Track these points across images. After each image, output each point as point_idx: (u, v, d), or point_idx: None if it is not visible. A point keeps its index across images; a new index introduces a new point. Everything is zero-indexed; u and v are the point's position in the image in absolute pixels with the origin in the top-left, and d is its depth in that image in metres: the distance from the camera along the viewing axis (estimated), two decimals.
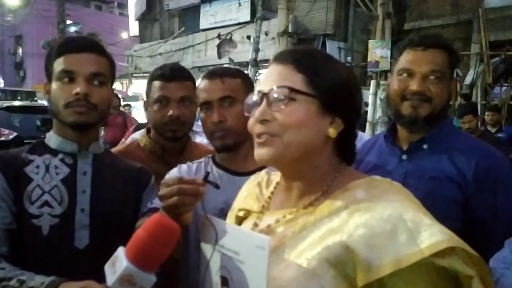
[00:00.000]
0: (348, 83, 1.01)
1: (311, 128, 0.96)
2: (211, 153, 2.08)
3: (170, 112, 1.86)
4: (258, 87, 1.02)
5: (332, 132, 0.98)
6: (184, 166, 1.65)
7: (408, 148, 1.64)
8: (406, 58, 1.61)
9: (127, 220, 1.45)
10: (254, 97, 1.01)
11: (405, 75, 1.60)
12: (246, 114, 1.03)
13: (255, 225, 1.06)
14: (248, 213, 1.14)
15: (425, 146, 1.61)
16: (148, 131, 2.05)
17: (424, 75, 1.56)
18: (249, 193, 1.19)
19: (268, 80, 1.00)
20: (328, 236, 0.89)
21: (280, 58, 1.01)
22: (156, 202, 1.45)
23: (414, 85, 1.56)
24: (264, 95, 0.98)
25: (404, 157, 1.63)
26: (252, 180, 1.24)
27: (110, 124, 7.25)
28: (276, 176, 1.16)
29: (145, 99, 2.03)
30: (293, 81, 0.97)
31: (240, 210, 1.17)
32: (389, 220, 0.86)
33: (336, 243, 0.87)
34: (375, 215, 0.87)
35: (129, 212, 1.50)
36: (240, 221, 1.16)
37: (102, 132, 6.89)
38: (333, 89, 0.98)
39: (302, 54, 1.01)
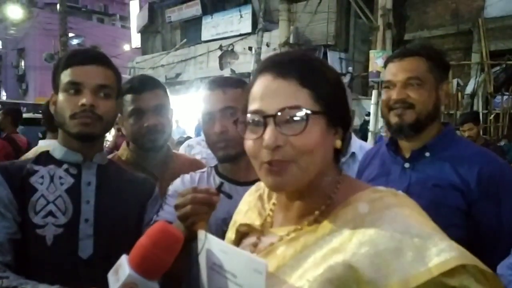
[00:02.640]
0: (343, 89, 0.95)
1: (324, 147, 0.90)
2: (193, 162, 2.10)
3: (147, 123, 1.85)
4: (255, 105, 0.91)
5: (339, 143, 0.93)
6: (187, 177, 1.65)
7: (410, 156, 1.65)
8: (387, 71, 1.68)
9: (131, 230, 1.45)
10: (253, 116, 0.91)
11: (387, 87, 1.67)
12: (240, 133, 0.95)
13: (258, 241, 1.01)
14: (250, 228, 1.07)
15: (427, 154, 1.61)
16: (128, 144, 2.03)
17: (403, 83, 1.61)
18: (250, 206, 1.12)
19: (269, 97, 0.89)
20: (331, 255, 0.83)
21: (280, 69, 0.90)
22: (162, 215, 1.46)
23: (394, 95, 1.62)
24: (269, 117, 0.87)
25: (407, 165, 1.64)
26: (253, 191, 1.16)
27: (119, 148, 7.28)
28: None
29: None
30: (301, 99, 0.87)
31: (241, 225, 1.10)
32: (394, 237, 0.80)
33: (339, 263, 0.81)
34: (379, 232, 0.81)
35: (133, 222, 1.50)
36: (241, 236, 1.10)
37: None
38: (335, 100, 0.91)
39: (303, 64, 0.91)
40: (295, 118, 0.86)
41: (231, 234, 1.15)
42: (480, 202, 1.49)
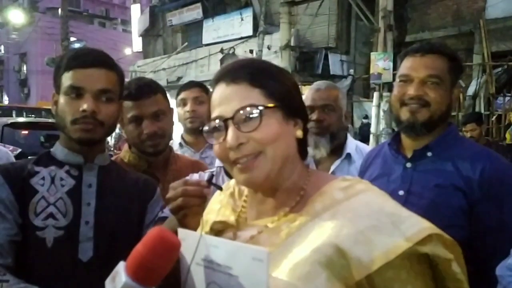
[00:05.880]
0: (295, 85, 1.06)
1: (286, 136, 0.99)
2: (194, 163, 2.12)
3: (146, 130, 1.87)
4: (215, 112, 0.99)
5: (299, 133, 1.02)
6: (195, 176, 1.67)
7: (412, 155, 1.63)
8: (405, 65, 1.63)
9: (131, 233, 1.44)
10: (214, 123, 0.99)
11: (403, 81, 1.62)
12: (208, 141, 1.02)
13: (234, 236, 1.06)
14: (225, 225, 1.11)
15: (429, 154, 1.59)
16: (130, 146, 2.04)
17: (422, 80, 1.57)
18: (222, 204, 1.16)
19: (225, 102, 0.98)
20: (316, 239, 0.90)
21: (230, 76, 0.99)
22: (166, 211, 1.46)
23: (411, 90, 1.57)
24: (228, 120, 0.96)
25: (409, 165, 1.62)
26: (224, 190, 1.20)
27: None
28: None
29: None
30: (254, 98, 0.96)
31: (216, 223, 1.13)
32: (371, 216, 0.89)
33: (325, 244, 0.88)
34: (357, 213, 0.91)
35: (133, 224, 1.50)
36: (215, 234, 1.12)
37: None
38: (288, 94, 1.01)
39: (251, 67, 1.01)
40: (250, 116, 0.95)
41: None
42: (482, 203, 1.47)
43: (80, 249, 1.38)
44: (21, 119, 10.09)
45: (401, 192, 1.58)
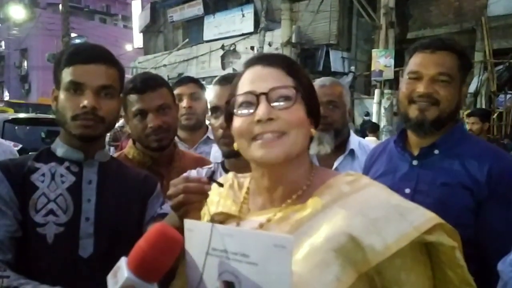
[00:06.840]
0: (314, 89, 1.11)
1: (306, 128, 1.03)
2: (199, 159, 2.11)
3: (151, 124, 1.86)
4: (246, 88, 1.03)
5: (314, 132, 1.07)
6: (193, 172, 1.67)
7: (419, 153, 1.61)
8: (414, 61, 1.59)
9: (132, 229, 1.43)
10: (246, 97, 1.02)
11: (413, 77, 1.58)
12: (236, 113, 1.04)
13: (238, 226, 1.07)
14: (227, 216, 1.12)
15: (436, 151, 1.57)
16: (134, 142, 2.03)
17: (432, 77, 1.53)
18: (221, 196, 1.18)
19: (260, 80, 1.01)
20: (328, 229, 0.93)
21: (267, 61, 1.05)
22: (165, 208, 1.45)
23: (421, 88, 1.54)
24: (261, 95, 0.99)
25: (415, 162, 1.60)
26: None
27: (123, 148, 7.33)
28: (246, 179, 1.18)
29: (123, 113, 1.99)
30: (289, 83, 1.02)
31: (217, 214, 1.13)
32: (380, 207, 0.93)
33: (338, 233, 0.91)
34: (366, 205, 0.94)
35: (134, 221, 1.49)
36: None
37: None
38: (311, 92, 1.08)
39: (285, 59, 1.08)
40: (284, 96, 1.00)
41: None
42: (489, 201, 1.46)
43: (80, 246, 1.37)
44: (22, 115, 10.07)
45: (407, 190, 1.56)
